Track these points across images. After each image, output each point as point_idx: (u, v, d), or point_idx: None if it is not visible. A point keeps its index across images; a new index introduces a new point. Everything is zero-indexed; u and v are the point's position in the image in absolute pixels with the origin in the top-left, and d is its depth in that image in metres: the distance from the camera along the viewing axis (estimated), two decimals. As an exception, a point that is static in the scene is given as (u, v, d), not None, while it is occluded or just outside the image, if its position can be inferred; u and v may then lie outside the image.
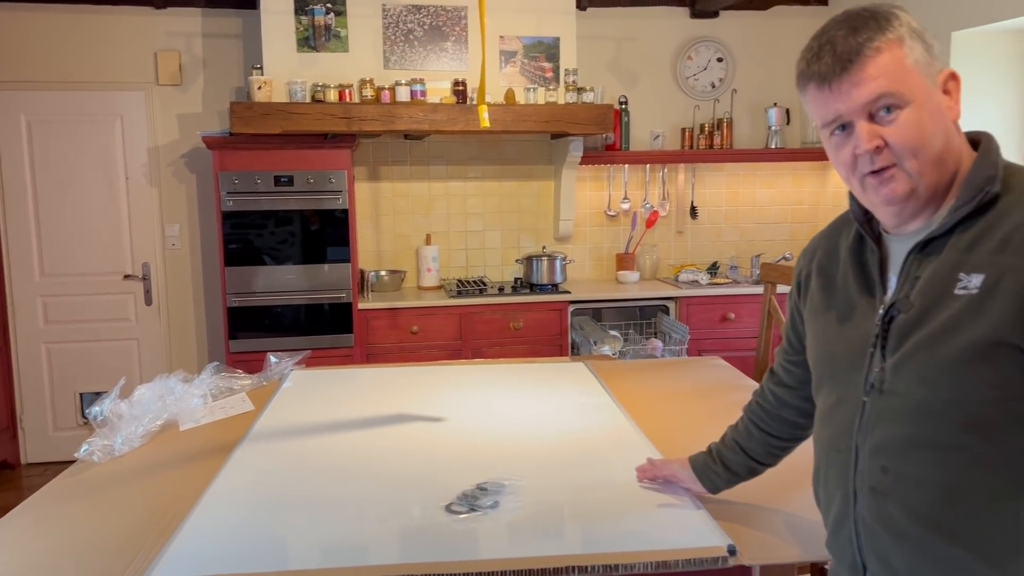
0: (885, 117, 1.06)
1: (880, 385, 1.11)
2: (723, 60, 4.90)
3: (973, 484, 1.04)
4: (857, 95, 1.06)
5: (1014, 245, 1.00)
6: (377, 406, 2.41)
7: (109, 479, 1.89)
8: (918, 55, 1.06)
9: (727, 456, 1.58)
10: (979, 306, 1.01)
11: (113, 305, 4.59)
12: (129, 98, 4.48)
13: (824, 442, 1.23)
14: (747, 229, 5.08)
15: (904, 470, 1.09)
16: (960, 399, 1.03)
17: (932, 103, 1.07)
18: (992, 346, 1.00)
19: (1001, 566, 1.02)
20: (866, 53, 1.05)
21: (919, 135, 1.06)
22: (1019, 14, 3.54)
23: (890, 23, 1.06)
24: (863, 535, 1.16)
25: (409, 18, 4.20)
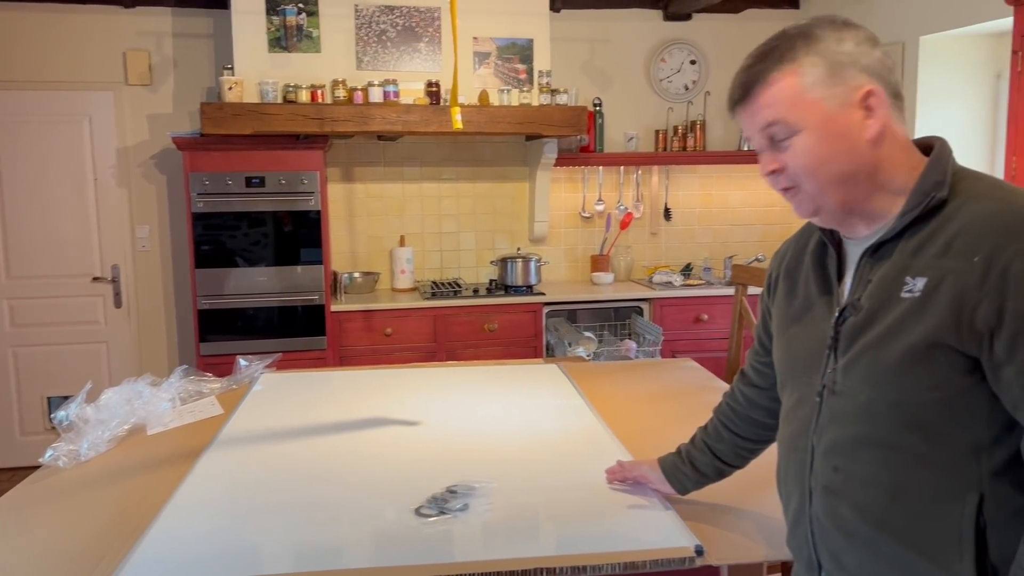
0: (781, 143, 1.11)
1: (832, 386, 1.14)
2: (696, 62, 4.93)
3: (917, 484, 1.06)
4: (752, 123, 1.13)
5: (955, 249, 1.02)
6: (349, 409, 2.39)
7: (74, 484, 1.86)
8: (816, 80, 1.07)
9: (696, 457, 1.58)
10: (920, 309, 1.03)
11: (81, 308, 4.52)
12: (98, 98, 4.42)
13: (785, 441, 1.26)
14: (720, 231, 5.11)
15: (853, 470, 1.11)
16: (902, 400, 1.05)
17: (833, 126, 1.07)
18: (930, 347, 1.02)
19: (945, 566, 1.04)
20: (759, 83, 1.10)
21: (812, 160, 1.09)
22: (986, 19, 3.59)
23: (793, 49, 1.09)
24: (817, 534, 1.18)
25: (382, 19, 4.19)
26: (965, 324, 0.99)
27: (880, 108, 1.07)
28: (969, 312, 0.99)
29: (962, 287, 0.99)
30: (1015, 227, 0.98)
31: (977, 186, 1.06)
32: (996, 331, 0.98)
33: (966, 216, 1.03)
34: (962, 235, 1.01)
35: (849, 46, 1.08)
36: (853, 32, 1.09)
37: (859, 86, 1.07)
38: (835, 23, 1.10)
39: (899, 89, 1.11)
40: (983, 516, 1.02)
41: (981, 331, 0.98)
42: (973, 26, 3.70)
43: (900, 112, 1.11)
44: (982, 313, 0.98)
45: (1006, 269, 0.96)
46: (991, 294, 0.97)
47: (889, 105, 1.09)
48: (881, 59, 1.09)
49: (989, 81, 4.03)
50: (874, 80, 1.07)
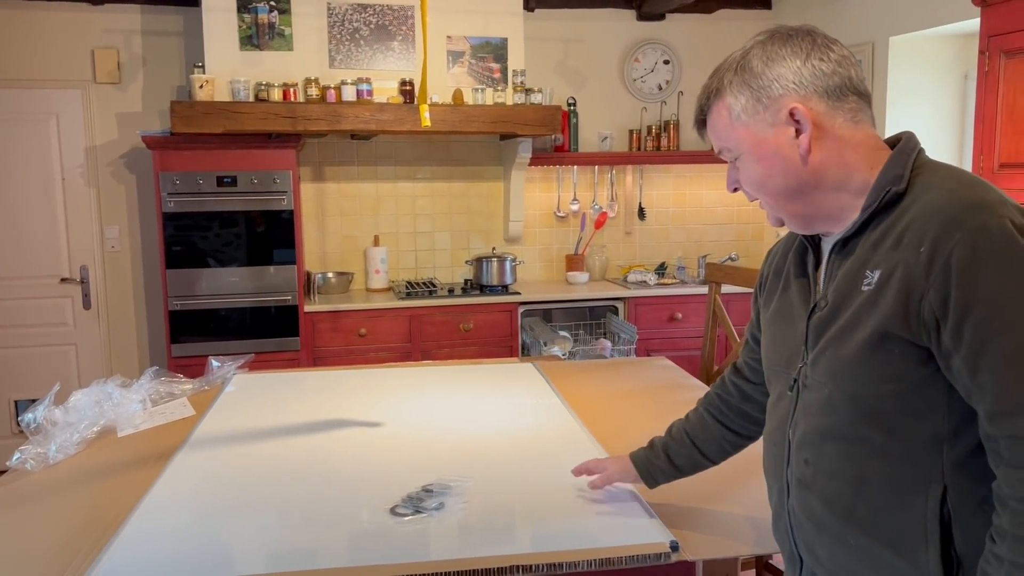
0: (734, 164, 1.19)
1: (804, 380, 1.16)
2: (670, 62, 4.96)
3: (879, 476, 1.07)
4: (713, 144, 1.22)
5: (905, 240, 1.03)
6: (323, 409, 2.37)
7: (42, 488, 1.83)
8: (741, 107, 1.13)
9: (673, 449, 1.56)
10: (874, 300, 1.05)
11: (49, 309, 4.45)
12: (65, 96, 4.35)
13: (767, 435, 1.28)
14: (694, 230, 5.14)
15: (820, 463, 1.13)
16: (859, 392, 1.07)
17: (765, 148, 1.13)
18: (882, 338, 1.03)
19: (911, 557, 1.05)
20: (703, 117, 1.20)
21: (755, 179, 1.17)
22: (953, 20, 3.64)
23: (721, 83, 1.16)
24: (795, 527, 1.19)
25: (355, 17, 4.16)
26: (913, 314, 1.01)
27: (807, 120, 1.10)
28: (916, 302, 1.00)
29: (909, 277, 1.01)
30: (958, 217, 0.99)
31: (932, 178, 1.07)
32: (942, 320, 0.99)
33: (918, 208, 1.04)
34: (912, 227, 1.03)
35: (776, 67, 1.11)
36: (784, 48, 1.11)
37: (783, 106, 1.10)
38: (773, 39, 1.13)
39: (851, 86, 1.11)
40: (947, 507, 1.03)
41: (928, 321, 1.00)
42: (941, 27, 3.76)
43: (852, 110, 1.11)
44: (928, 303, 0.99)
45: (948, 258, 0.97)
46: (936, 283, 0.98)
47: (825, 113, 1.10)
48: (813, 69, 1.10)
49: (957, 81, 4.09)
50: (802, 92, 1.10)
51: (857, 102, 1.12)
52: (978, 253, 0.96)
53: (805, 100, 1.10)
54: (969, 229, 0.97)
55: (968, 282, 0.96)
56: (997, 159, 3.08)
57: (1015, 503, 0.96)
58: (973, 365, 0.97)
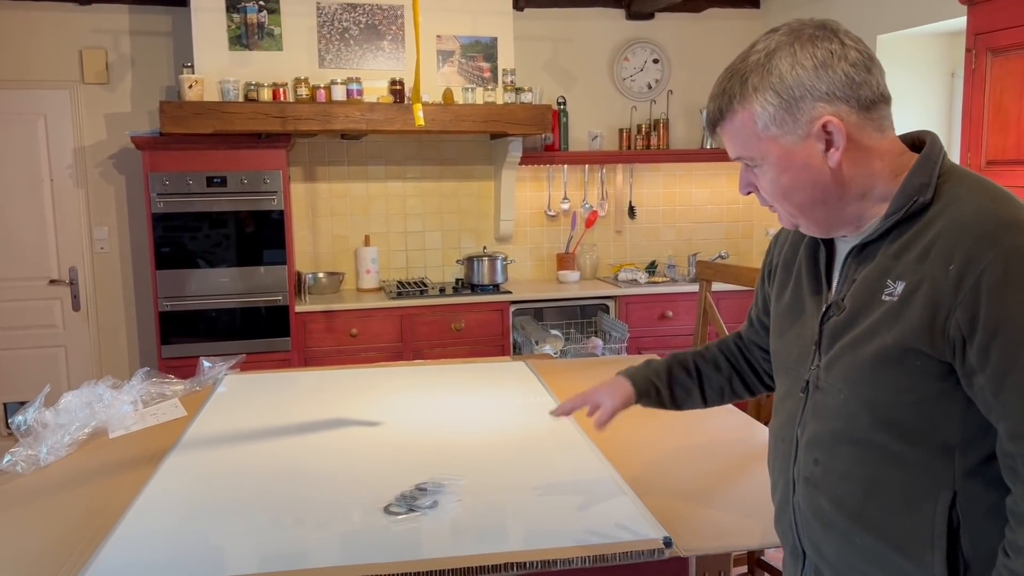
0: (752, 170, 1.13)
1: (816, 381, 1.16)
2: (659, 61, 4.97)
3: (890, 481, 1.07)
4: (728, 148, 1.15)
5: (933, 255, 1.01)
6: (314, 409, 2.37)
7: (33, 490, 1.82)
8: (769, 117, 1.06)
9: (678, 377, 1.54)
10: (897, 313, 1.04)
11: (38, 311, 4.42)
12: (53, 97, 4.33)
13: (774, 430, 1.28)
14: (684, 228, 5.15)
15: (831, 464, 1.13)
16: (876, 399, 1.07)
17: (793, 159, 1.07)
18: (903, 352, 1.03)
19: (917, 559, 1.06)
20: (721, 120, 1.11)
21: (777, 190, 1.11)
22: (940, 18, 3.67)
23: (746, 84, 1.07)
24: (800, 523, 1.20)
25: (344, 16, 4.16)
26: (938, 331, 1.00)
27: (841, 135, 1.05)
28: (943, 320, 0.99)
29: (937, 294, 1.00)
30: (989, 235, 0.97)
31: (959, 189, 1.05)
32: (969, 340, 0.98)
33: (945, 221, 1.02)
34: (940, 241, 1.01)
35: (805, 74, 1.04)
36: (813, 51, 1.05)
37: (815, 118, 1.05)
38: (800, 40, 1.06)
39: (878, 93, 1.07)
40: (956, 513, 1.04)
41: (954, 339, 0.99)
42: (928, 25, 3.78)
43: (878, 122, 1.08)
44: (955, 321, 0.98)
45: (979, 279, 0.96)
46: (964, 303, 0.97)
47: (856, 125, 1.06)
48: (845, 76, 1.04)
49: (944, 79, 4.11)
50: (835, 104, 1.04)
51: (884, 109, 1.08)
52: (1010, 274, 0.95)
53: (838, 112, 1.04)
54: (1002, 249, 0.96)
55: (999, 303, 0.95)
56: (984, 156, 3.10)
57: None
58: (998, 385, 0.97)
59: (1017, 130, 2.96)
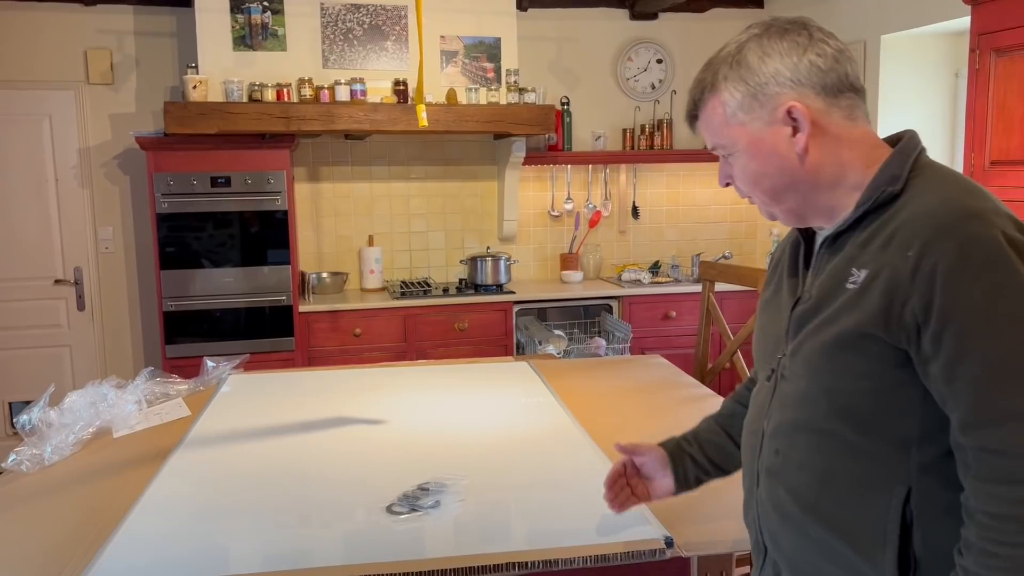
0: (727, 159, 1.17)
1: (782, 371, 1.16)
2: (663, 62, 4.97)
3: (846, 472, 1.07)
4: (705, 139, 1.19)
5: (895, 243, 1.02)
6: (318, 409, 2.38)
7: (38, 489, 1.83)
8: (737, 103, 1.11)
9: (704, 438, 1.45)
10: (857, 299, 1.04)
11: (43, 311, 4.44)
12: (58, 97, 4.34)
13: (746, 424, 1.28)
14: (687, 228, 5.15)
15: (790, 454, 1.13)
16: (834, 387, 1.07)
17: (761, 146, 1.11)
18: (860, 337, 1.03)
19: (868, 554, 1.05)
20: (696, 111, 1.17)
21: (748, 177, 1.15)
22: (944, 18, 3.66)
23: (716, 77, 1.12)
24: (761, 516, 1.20)
25: (348, 17, 4.16)
26: (895, 317, 1.00)
27: (805, 119, 1.08)
28: (899, 306, 0.99)
29: (895, 281, 1.00)
30: (949, 223, 0.98)
31: (928, 181, 1.05)
32: (923, 326, 0.98)
33: (910, 210, 1.03)
34: (902, 230, 1.02)
35: (772, 63, 1.08)
36: (781, 43, 1.09)
37: (780, 104, 1.08)
38: (769, 33, 1.10)
39: (846, 82, 1.10)
40: (909, 509, 1.03)
41: (909, 325, 0.99)
42: (932, 25, 3.77)
43: (849, 107, 1.10)
44: (911, 308, 0.98)
45: (935, 264, 0.97)
46: (920, 289, 0.98)
47: (822, 111, 1.08)
48: (811, 64, 1.08)
49: (948, 79, 4.11)
50: (800, 90, 1.07)
51: (853, 98, 1.10)
52: (965, 262, 0.95)
53: (802, 97, 1.08)
54: (959, 237, 0.96)
55: (952, 290, 0.96)
56: (988, 156, 3.10)
57: (981, 516, 0.96)
58: (950, 373, 0.97)
59: (1021, 130, 2.96)
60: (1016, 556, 0.94)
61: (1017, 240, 0.97)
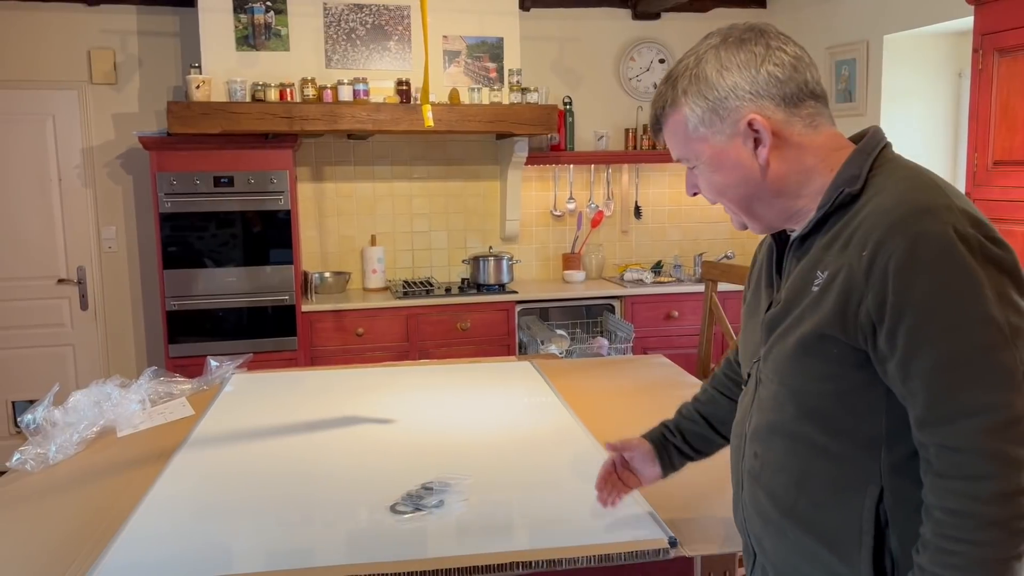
0: (692, 171, 1.18)
1: (758, 375, 1.17)
2: (665, 61, 4.97)
3: (819, 474, 1.08)
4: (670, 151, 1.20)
5: (853, 243, 1.02)
6: (321, 409, 2.38)
7: (43, 488, 1.84)
8: (698, 118, 1.11)
9: (685, 427, 1.51)
10: (818, 301, 1.05)
11: (47, 310, 4.45)
12: (61, 97, 4.35)
13: (732, 427, 1.29)
14: (690, 228, 5.15)
15: (767, 456, 1.14)
16: (800, 389, 1.08)
17: (723, 158, 1.11)
18: (819, 339, 1.04)
19: (845, 556, 1.06)
20: (661, 123, 1.17)
21: (711, 188, 1.16)
22: (947, 18, 3.66)
23: (675, 88, 1.12)
24: (747, 519, 1.21)
25: (351, 17, 4.17)
26: (851, 317, 1.00)
27: (766, 131, 1.08)
28: (855, 306, 1.00)
29: (851, 280, 1.00)
30: (900, 222, 0.97)
31: (887, 179, 1.05)
32: (879, 324, 0.98)
33: (868, 210, 1.03)
34: (860, 229, 1.02)
35: (731, 76, 1.08)
36: (738, 55, 1.08)
37: (741, 118, 1.08)
38: (726, 44, 1.09)
39: (807, 90, 1.09)
40: (883, 509, 1.03)
41: (864, 324, 0.99)
42: (935, 25, 3.77)
43: (810, 115, 1.09)
44: (865, 307, 0.99)
45: (887, 262, 0.97)
46: (874, 288, 0.98)
47: (783, 121, 1.08)
48: (768, 75, 1.07)
49: (951, 79, 4.10)
50: (759, 102, 1.07)
51: (814, 105, 1.10)
52: (915, 259, 0.95)
53: (762, 110, 1.08)
54: (909, 234, 0.96)
55: (903, 287, 0.96)
56: (991, 157, 3.10)
57: (938, 512, 0.96)
58: (905, 371, 0.97)
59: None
60: (971, 553, 0.93)
61: (968, 235, 0.96)
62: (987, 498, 0.93)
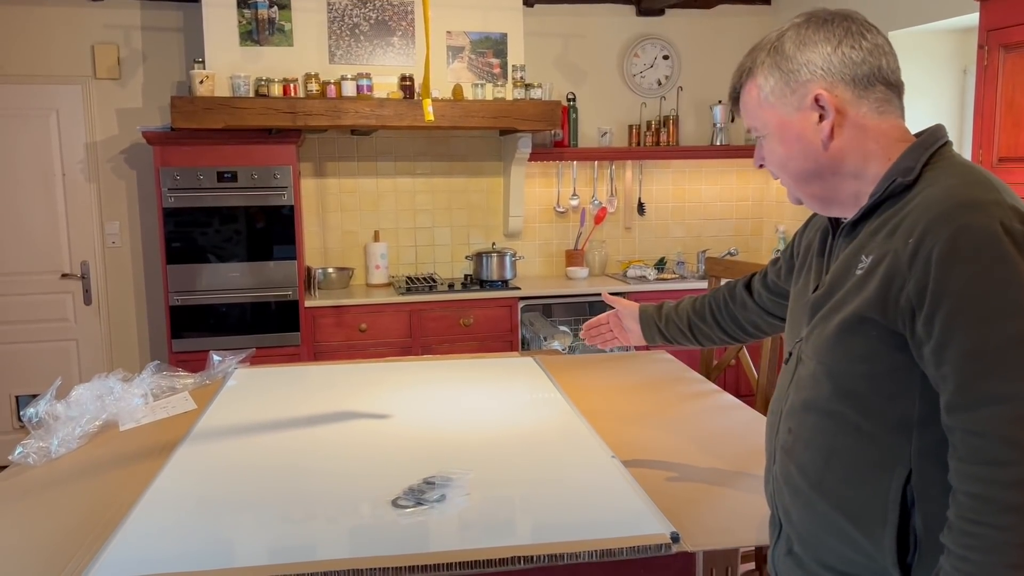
0: (761, 142, 1.23)
1: (799, 354, 1.22)
2: (669, 58, 4.96)
3: (849, 451, 1.11)
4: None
5: (900, 231, 1.05)
6: (323, 404, 2.38)
7: (45, 481, 1.84)
8: (770, 88, 1.16)
9: (672, 321, 1.79)
10: (861, 284, 1.08)
11: (50, 305, 4.45)
12: (65, 92, 4.35)
13: (771, 403, 1.32)
14: (693, 225, 5.14)
15: (800, 432, 1.18)
16: (837, 369, 1.12)
17: (789, 130, 1.16)
18: (860, 321, 1.07)
19: (869, 532, 1.09)
20: (739, 92, 1.23)
21: (776, 160, 1.20)
22: (953, 14, 3.65)
23: (754, 63, 1.19)
24: (776, 492, 1.24)
25: (354, 12, 4.16)
26: (892, 301, 1.03)
27: (831, 108, 1.12)
28: (896, 290, 1.03)
29: (894, 266, 1.03)
30: (947, 213, 1.00)
31: (939, 173, 1.08)
32: (918, 310, 1.01)
33: (918, 201, 1.06)
34: (907, 218, 1.05)
35: (806, 52, 1.13)
36: (818, 34, 1.13)
37: (809, 91, 1.13)
38: (809, 23, 1.14)
39: (880, 76, 1.12)
40: (910, 490, 1.06)
41: (904, 309, 1.02)
42: (940, 22, 3.76)
43: (879, 100, 1.13)
44: (907, 292, 1.02)
45: (931, 250, 0.99)
46: (916, 274, 1.01)
47: (849, 101, 1.12)
48: (844, 56, 1.11)
49: (956, 76, 4.09)
50: (829, 80, 1.11)
51: (885, 92, 1.13)
52: (957, 248, 0.98)
53: (831, 87, 1.12)
54: (954, 225, 0.99)
55: (943, 275, 0.98)
56: (996, 153, 3.08)
57: (962, 496, 0.98)
58: (939, 357, 1.00)
59: (1030, 127, 2.94)
60: (992, 536, 0.96)
61: (1015, 231, 0.99)
62: (1008, 483, 0.95)
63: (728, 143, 4.91)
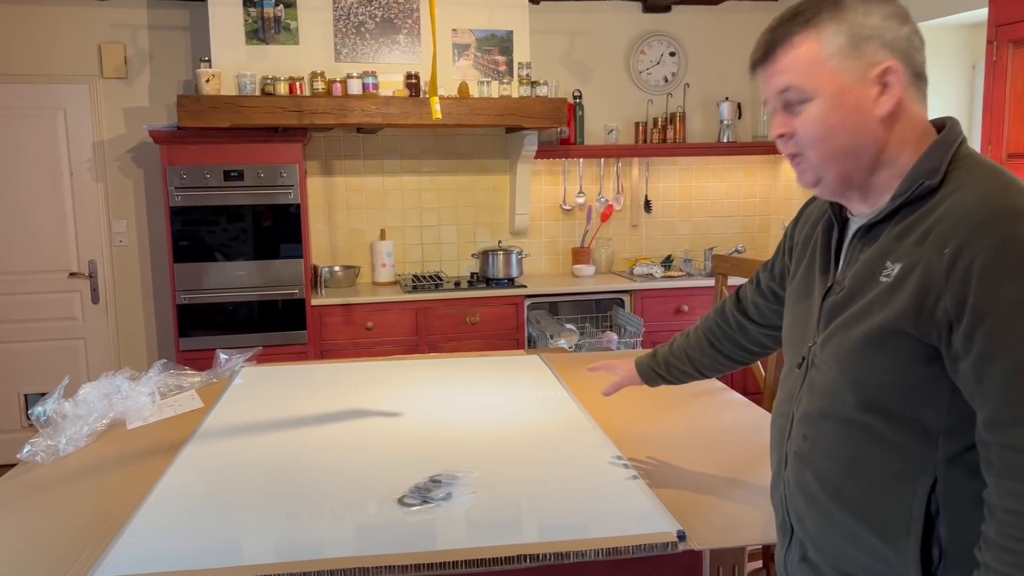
0: (795, 108, 1.10)
1: (812, 359, 1.17)
2: (675, 54, 4.95)
3: (872, 461, 1.08)
4: (770, 84, 1.12)
5: (931, 238, 1.01)
6: (330, 402, 2.38)
7: (53, 479, 1.84)
8: (836, 48, 1.06)
9: (673, 364, 1.72)
10: (889, 294, 1.04)
11: (58, 304, 4.47)
12: (72, 91, 4.36)
13: (775, 405, 1.29)
14: (700, 222, 5.13)
15: (818, 440, 1.14)
16: (862, 380, 1.08)
17: (846, 98, 1.07)
18: (889, 334, 1.03)
19: (892, 542, 1.06)
20: (781, 45, 1.09)
21: (820, 129, 1.09)
22: (962, 9, 3.63)
23: (818, 15, 1.07)
24: (788, 497, 1.21)
25: (360, 10, 4.16)
26: (926, 314, 1.00)
27: (896, 86, 1.06)
28: (932, 303, 0.99)
29: (929, 277, 0.99)
30: (986, 221, 0.97)
31: (968, 175, 1.04)
32: (956, 324, 0.98)
33: (948, 206, 1.02)
34: (939, 225, 1.01)
35: (875, 20, 1.06)
36: (882, 6, 1.07)
37: (878, 62, 1.06)
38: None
39: (923, 70, 1.10)
40: (935, 500, 1.03)
41: (941, 322, 0.99)
42: (949, 17, 3.74)
43: (920, 93, 1.10)
44: (943, 305, 0.98)
45: (971, 264, 0.96)
46: (955, 287, 0.97)
47: (907, 84, 1.07)
48: (908, 37, 1.07)
49: (965, 71, 4.07)
50: (895, 57, 1.06)
51: (924, 86, 1.11)
52: (1001, 262, 0.94)
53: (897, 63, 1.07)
54: (996, 236, 0.95)
55: (986, 289, 0.95)
56: (1005, 149, 3.07)
57: (1002, 513, 0.96)
58: (979, 372, 0.97)
59: (1039, 123, 2.92)
60: None
61: None
62: None
63: (735, 140, 4.89)
